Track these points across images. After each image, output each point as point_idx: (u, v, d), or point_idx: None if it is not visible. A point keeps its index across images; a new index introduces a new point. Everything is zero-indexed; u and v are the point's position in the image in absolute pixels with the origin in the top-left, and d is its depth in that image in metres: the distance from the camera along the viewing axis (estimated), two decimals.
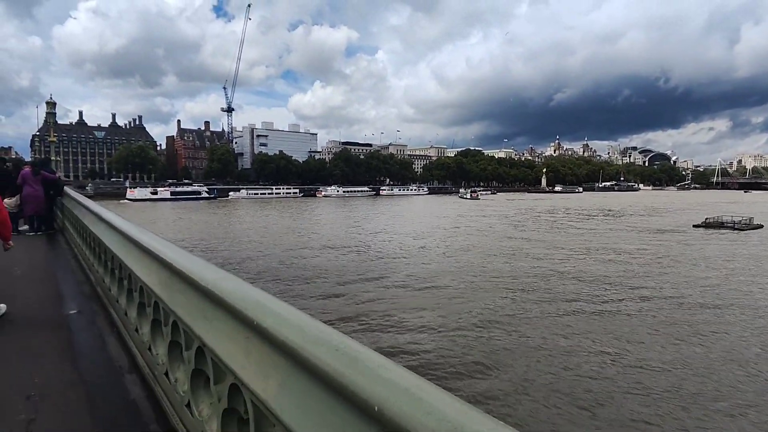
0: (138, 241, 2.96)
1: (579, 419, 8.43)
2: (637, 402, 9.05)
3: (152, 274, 2.58)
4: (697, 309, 15.53)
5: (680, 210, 69.67)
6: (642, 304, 16.07)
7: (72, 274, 5.75)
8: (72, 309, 4.00)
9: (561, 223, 48.42)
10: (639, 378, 10.07)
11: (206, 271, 1.93)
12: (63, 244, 8.52)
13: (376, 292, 17.43)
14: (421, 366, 10.61)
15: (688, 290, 18.07)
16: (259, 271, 21.24)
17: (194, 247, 28.48)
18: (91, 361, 2.96)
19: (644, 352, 11.64)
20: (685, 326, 13.72)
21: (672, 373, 10.39)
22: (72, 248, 7.54)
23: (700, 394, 9.43)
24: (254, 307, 1.43)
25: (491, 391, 9.51)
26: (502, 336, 12.67)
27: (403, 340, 12.35)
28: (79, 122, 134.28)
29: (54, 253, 7.71)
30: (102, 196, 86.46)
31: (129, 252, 3.19)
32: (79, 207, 6.79)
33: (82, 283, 5.09)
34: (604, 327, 13.58)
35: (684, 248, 29.39)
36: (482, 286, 18.62)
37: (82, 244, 6.14)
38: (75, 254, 6.98)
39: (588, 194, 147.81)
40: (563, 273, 21.10)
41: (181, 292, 2.09)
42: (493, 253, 26.82)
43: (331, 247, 28.83)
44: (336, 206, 77.56)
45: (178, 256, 2.32)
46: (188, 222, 48.15)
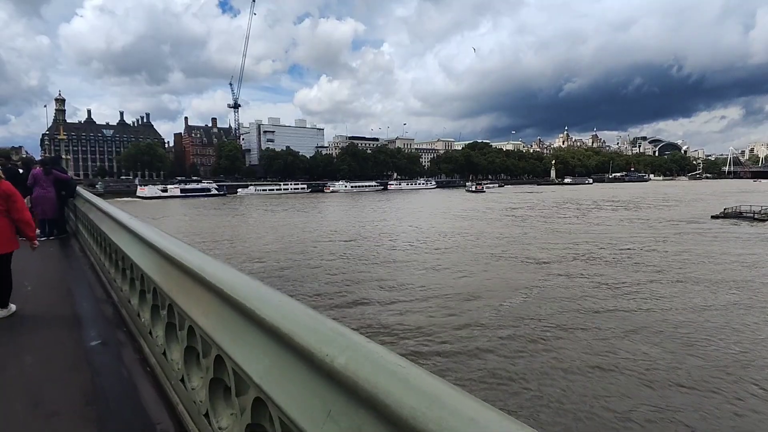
0: (170, 255, 2.51)
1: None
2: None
3: (190, 296, 2.14)
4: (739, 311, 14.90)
5: (694, 200, 68.40)
6: (676, 313, 15.45)
7: (89, 288, 5.25)
8: (94, 339, 3.57)
9: (573, 220, 47.54)
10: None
11: (249, 289, 1.65)
12: (77, 250, 8.02)
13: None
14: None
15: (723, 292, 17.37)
16: (294, 278, 19.89)
17: (219, 249, 28.23)
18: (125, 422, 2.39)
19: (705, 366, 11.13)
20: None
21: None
22: (87, 256, 7.08)
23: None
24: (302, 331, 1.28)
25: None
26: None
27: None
28: (88, 120, 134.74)
29: (68, 263, 7.24)
30: (112, 194, 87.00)
31: (159, 267, 2.75)
32: (94, 210, 6.32)
33: (102, 302, 4.61)
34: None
35: (708, 242, 28.49)
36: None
37: (99, 252, 5.68)
38: (91, 263, 6.51)
39: (598, 185, 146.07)
40: (581, 281, 20.41)
41: (224, 315, 1.74)
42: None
43: (346, 255, 28.42)
44: (345, 202, 77.22)
45: (219, 271, 1.92)
46: (205, 221, 48.03)
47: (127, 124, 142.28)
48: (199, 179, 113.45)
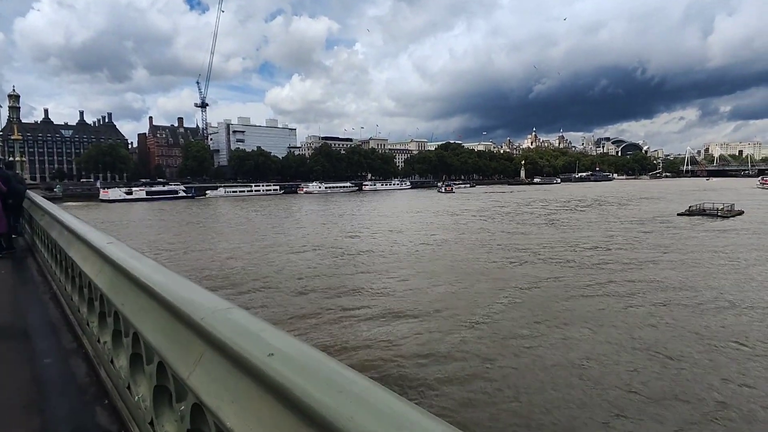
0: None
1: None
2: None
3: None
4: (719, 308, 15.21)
5: (658, 198, 71.17)
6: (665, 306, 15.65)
7: (54, 335, 3.73)
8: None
9: (540, 218, 48.40)
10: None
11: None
12: (34, 273, 6.50)
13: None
14: None
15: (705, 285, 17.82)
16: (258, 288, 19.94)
17: (211, 270, 26.95)
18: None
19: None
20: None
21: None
22: (48, 281, 5.65)
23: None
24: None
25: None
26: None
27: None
28: (45, 121, 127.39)
29: (24, 292, 5.63)
30: (72, 197, 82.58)
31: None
32: (54, 224, 5.17)
33: (72, 354, 3.22)
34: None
35: (680, 238, 29.45)
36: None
37: (63, 279, 4.51)
38: (55, 293, 5.02)
39: (566, 185, 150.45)
40: (555, 282, 20.53)
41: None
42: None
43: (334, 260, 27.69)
44: (320, 203, 76.09)
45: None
46: (177, 227, 46.05)
47: (88, 124, 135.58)
48: (165, 181, 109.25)
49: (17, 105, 78.21)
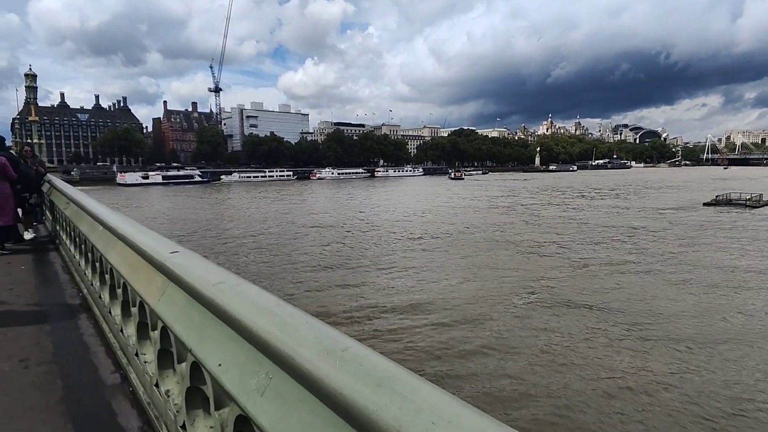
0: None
1: None
2: None
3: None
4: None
5: (680, 187, 69.30)
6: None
7: (91, 367, 2.82)
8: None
9: (560, 211, 47.28)
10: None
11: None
12: (58, 270, 5.36)
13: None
14: None
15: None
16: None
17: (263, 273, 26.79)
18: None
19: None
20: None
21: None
22: (79, 286, 4.58)
23: None
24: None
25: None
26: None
27: None
28: (61, 104, 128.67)
29: (47, 295, 4.56)
30: (89, 181, 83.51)
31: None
32: (82, 215, 4.35)
33: (116, 389, 2.53)
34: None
35: (711, 231, 28.38)
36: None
37: (98, 285, 3.50)
38: (88, 304, 3.97)
39: (582, 173, 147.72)
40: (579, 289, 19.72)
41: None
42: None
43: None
44: (334, 190, 75.73)
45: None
46: (200, 211, 46.15)
47: (103, 108, 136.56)
48: (179, 165, 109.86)
49: (34, 85, 75.14)
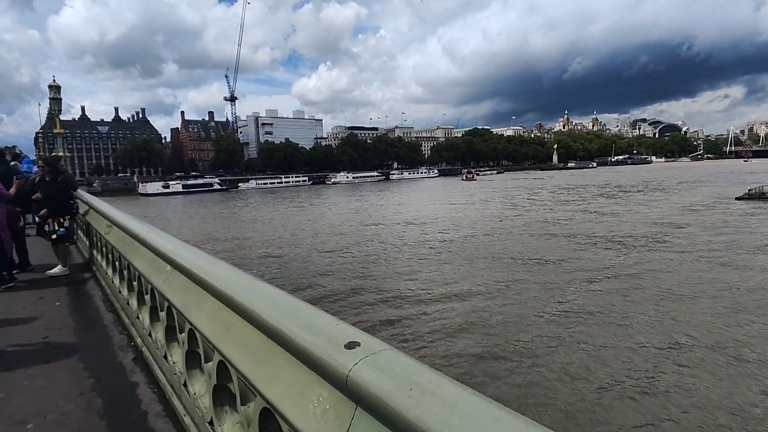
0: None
1: None
2: None
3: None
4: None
5: (706, 181, 67.13)
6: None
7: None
8: None
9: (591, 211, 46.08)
10: None
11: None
12: (99, 304, 4.52)
13: None
14: None
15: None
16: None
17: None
18: None
19: None
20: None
21: None
22: (122, 319, 3.98)
23: None
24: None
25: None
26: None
27: None
28: (82, 117, 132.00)
29: (88, 342, 3.75)
30: (111, 192, 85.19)
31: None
32: (135, 246, 3.61)
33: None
34: None
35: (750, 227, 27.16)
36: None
37: (151, 329, 3.11)
38: (135, 341, 3.52)
39: (602, 169, 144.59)
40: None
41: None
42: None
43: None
44: (349, 193, 75.59)
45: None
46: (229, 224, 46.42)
47: (123, 120, 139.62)
48: (198, 174, 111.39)
49: (59, 96, 75.96)
